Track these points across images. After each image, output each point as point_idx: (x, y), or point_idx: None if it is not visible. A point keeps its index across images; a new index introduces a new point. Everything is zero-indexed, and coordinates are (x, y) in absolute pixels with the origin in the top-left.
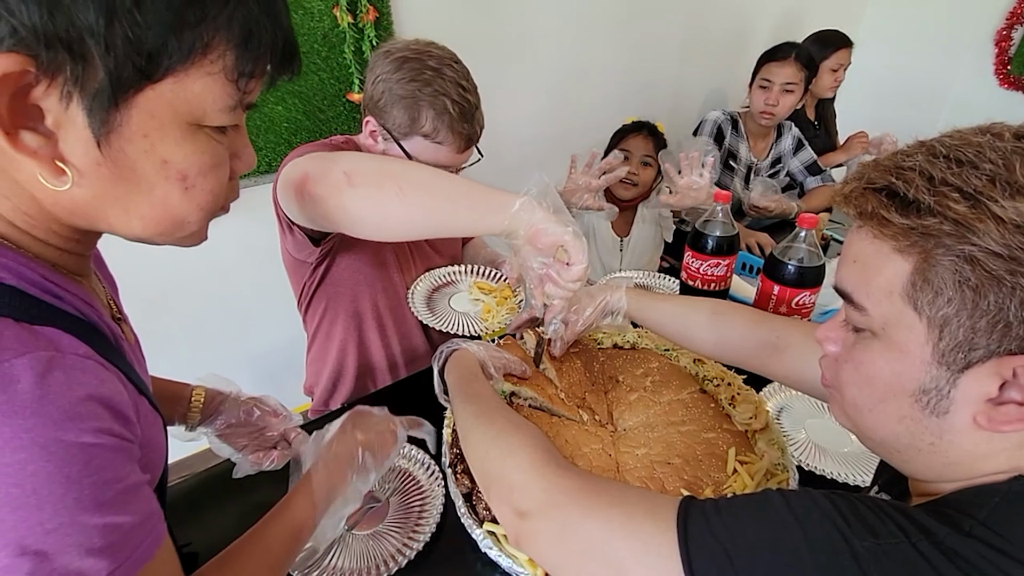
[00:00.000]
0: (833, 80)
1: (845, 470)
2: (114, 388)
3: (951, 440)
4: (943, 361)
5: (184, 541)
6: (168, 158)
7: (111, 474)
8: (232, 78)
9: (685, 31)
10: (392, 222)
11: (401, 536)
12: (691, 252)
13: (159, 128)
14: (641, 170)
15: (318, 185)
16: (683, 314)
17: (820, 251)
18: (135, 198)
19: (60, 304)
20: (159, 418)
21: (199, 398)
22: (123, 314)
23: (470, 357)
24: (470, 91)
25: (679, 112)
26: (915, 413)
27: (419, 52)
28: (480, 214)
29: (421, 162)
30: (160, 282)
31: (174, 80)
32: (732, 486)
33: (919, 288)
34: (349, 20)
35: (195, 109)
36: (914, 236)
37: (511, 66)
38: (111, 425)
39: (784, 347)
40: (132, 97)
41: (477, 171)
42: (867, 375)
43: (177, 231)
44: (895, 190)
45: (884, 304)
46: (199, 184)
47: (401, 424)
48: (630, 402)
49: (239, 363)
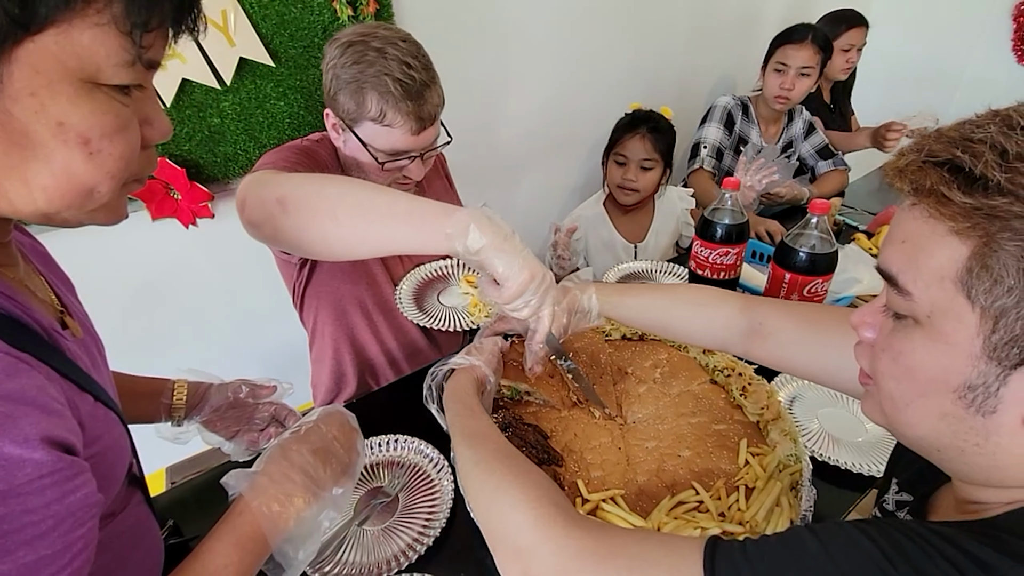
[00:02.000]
0: (845, 61)
1: (859, 460)
2: (27, 383)
3: (998, 442)
4: (994, 356)
5: (193, 534)
6: (63, 119)
7: (4, 486)
8: (124, 29)
9: (692, 14)
10: (332, 246)
11: (413, 531)
12: (700, 241)
13: (47, 85)
14: (640, 175)
15: (253, 212)
16: (661, 307)
17: (832, 238)
18: (33, 166)
19: None
20: (112, 414)
21: (182, 391)
22: (72, 309)
23: (465, 380)
24: (417, 69)
25: (687, 98)
26: (958, 411)
27: (364, 35)
28: (418, 234)
29: (376, 148)
30: (167, 279)
31: (57, 31)
32: (744, 478)
33: (976, 275)
34: (349, 13)
35: (87, 64)
36: (977, 217)
37: (514, 54)
38: (17, 427)
39: (768, 333)
40: (11, 51)
41: (482, 159)
42: (907, 366)
43: (86, 202)
44: (960, 164)
45: (933, 289)
46: (105, 148)
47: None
48: (639, 394)
49: (247, 360)
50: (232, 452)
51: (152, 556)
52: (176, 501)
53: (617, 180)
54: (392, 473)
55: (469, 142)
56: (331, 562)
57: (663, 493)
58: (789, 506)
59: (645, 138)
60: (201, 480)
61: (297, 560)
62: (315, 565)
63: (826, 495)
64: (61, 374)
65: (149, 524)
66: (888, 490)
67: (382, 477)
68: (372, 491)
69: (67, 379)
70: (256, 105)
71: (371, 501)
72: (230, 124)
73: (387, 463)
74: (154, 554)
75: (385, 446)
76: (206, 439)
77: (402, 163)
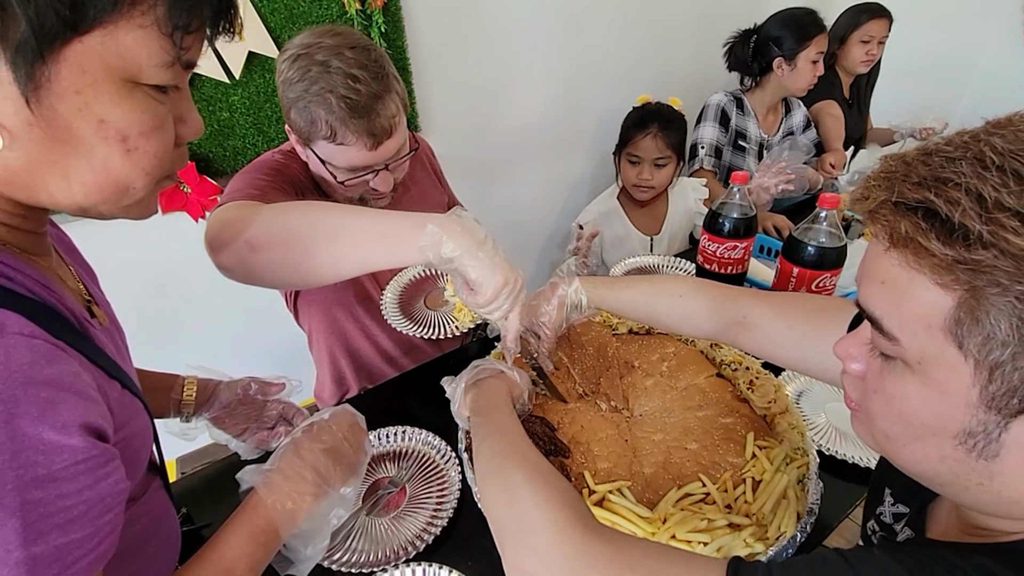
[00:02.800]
0: (864, 53)
1: (866, 454)
2: (65, 369)
3: (1003, 482)
4: (992, 406)
5: (204, 522)
6: (105, 117)
7: (43, 471)
8: (166, 31)
9: (700, 2)
10: (308, 278)
11: (421, 520)
12: (708, 235)
13: (92, 84)
14: (655, 172)
15: (222, 258)
16: (646, 299)
17: (841, 232)
18: (74, 162)
19: (9, 284)
20: (137, 401)
21: (191, 387)
22: (98, 298)
23: (500, 386)
24: (365, 81)
25: (698, 88)
26: (959, 455)
27: (309, 46)
28: (393, 252)
29: (335, 166)
30: (176, 272)
31: (103, 32)
32: (751, 471)
33: (966, 327)
34: (357, 7)
35: (129, 64)
36: (959, 270)
37: (521, 46)
38: (57, 413)
39: (752, 325)
40: (59, 50)
41: (489, 151)
42: (900, 411)
43: (122, 198)
44: (936, 211)
45: (921, 337)
46: (141, 146)
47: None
48: (646, 387)
49: (256, 353)
50: (242, 451)
51: (170, 540)
52: (186, 490)
53: (632, 180)
54: (400, 463)
55: (476, 135)
56: (340, 550)
57: (670, 485)
58: (796, 499)
59: (657, 137)
60: (211, 471)
61: (306, 555)
62: (325, 554)
63: (833, 489)
64: (92, 361)
65: (167, 509)
66: (882, 501)
67: (390, 467)
68: (380, 481)
69: (97, 366)
70: (265, 99)
71: (379, 491)
72: (239, 118)
73: (395, 453)
74: (172, 539)
75: (393, 437)
76: (214, 436)
77: (365, 178)
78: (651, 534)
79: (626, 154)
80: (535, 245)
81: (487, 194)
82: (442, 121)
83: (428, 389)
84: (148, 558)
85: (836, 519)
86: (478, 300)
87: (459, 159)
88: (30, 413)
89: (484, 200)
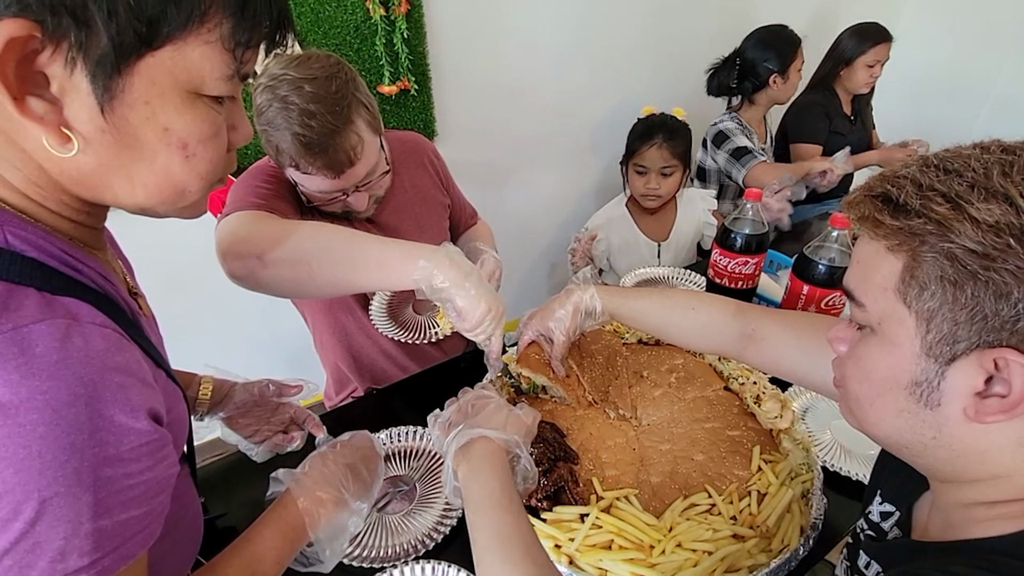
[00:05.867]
0: (868, 76)
1: (870, 472)
2: (131, 357)
3: (950, 433)
4: (931, 353)
5: (219, 512)
6: (169, 126)
7: (113, 451)
8: (229, 47)
9: (720, 17)
10: (311, 294)
11: (431, 519)
12: (719, 250)
13: (160, 95)
14: (662, 182)
15: (234, 267)
16: (659, 311)
17: (852, 251)
18: (138, 166)
19: (79, 276)
20: (178, 390)
21: (208, 386)
22: (139, 290)
23: (497, 451)
24: (320, 115)
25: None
26: (911, 406)
27: (275, 77)
28: (388, 278)
29: (309, 189)
30: (195, 265)
31: (173, 48)
32: (756, 484)
33: (908, 284)
34: (381, 13)
35: (194, 77)
36: (903, 235)
37: (540, 53)
38: (128, 398)
39: (760, 339)
40: (134, 64)
41: (506, 162)
42: (866, 369)
43: (179, 200)
44: (889, 195)
45: (880, 300)
46: (199, 153)
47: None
48: (654, 397)
49: (271, 349)
50: (256, 456)
51: (195, 526)
52: (200, 481)
53: (640, 190)
54: (411, 462)
55: (491, 140)
56: (353, 545)
57: (676, 494)
58: (800, 513)
59: (662, 147)
60: (224, 462)
61: (327, 556)
62: None
63: (836, 505)
64: (146, 351)
65: (193, 496)
66: (872, 500)
67: (402, 466)
68: (392, 479)
69: (147, 355)
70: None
71: (391, 489)
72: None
73: (406, 452)
74: (196, 525)
75: (405, 436)
76: (226, 436)
77: (339, 198)
78: (657, 542)
79: (633, 164)
80: (544, 249)
81: (500, 198)
82: (459, 127)
83: (440, 389)
84: (174, 542)
85: (838, 534)
86: (464, 325)
87: (473, 164)
88: (106, 397)
89: (497, 204)
